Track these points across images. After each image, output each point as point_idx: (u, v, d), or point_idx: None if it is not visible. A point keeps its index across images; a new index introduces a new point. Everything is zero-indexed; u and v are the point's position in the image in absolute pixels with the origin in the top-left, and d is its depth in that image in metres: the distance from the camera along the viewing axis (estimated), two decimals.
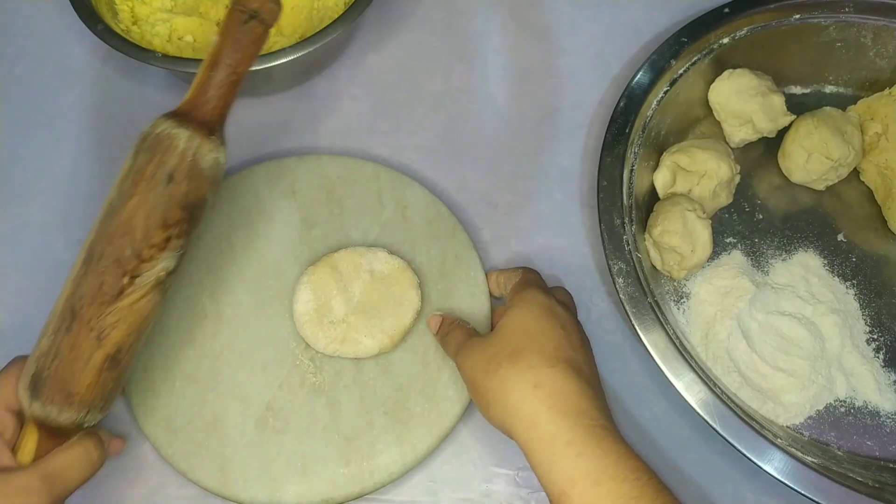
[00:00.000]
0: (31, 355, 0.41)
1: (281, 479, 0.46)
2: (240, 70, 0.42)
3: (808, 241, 0.56)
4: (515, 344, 0.42)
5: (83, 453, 0.41)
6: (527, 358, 0.41)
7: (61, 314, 0.40)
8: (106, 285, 0.39)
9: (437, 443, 0.48)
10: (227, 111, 0.43)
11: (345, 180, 0.55)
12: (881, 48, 0.58)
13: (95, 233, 0.40)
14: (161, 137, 0.40)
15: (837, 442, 0.49)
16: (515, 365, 0.41)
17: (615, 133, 0.53)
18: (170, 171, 0.40)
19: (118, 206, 0.40)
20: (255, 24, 0.42)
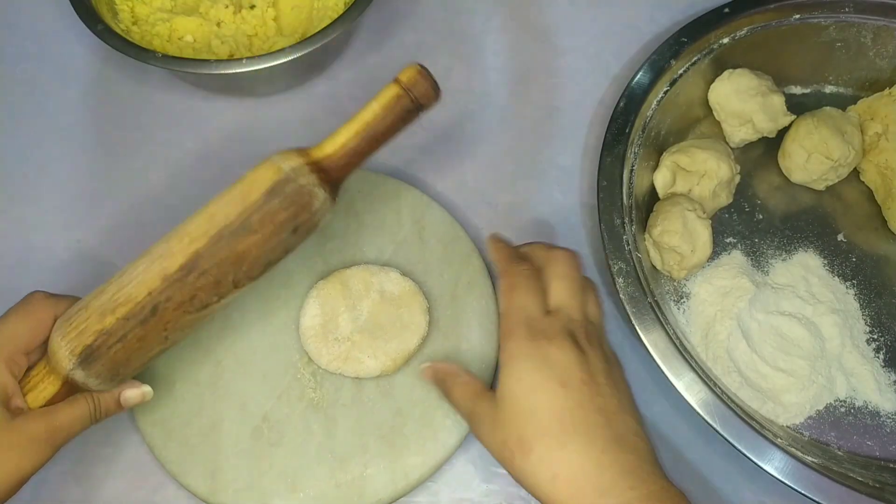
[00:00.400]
0: (82, 318, 0.40)
1: (270, 492, 0.46)
2: (382, 144, 0.44)
3: (808, 241, 0.56)
4: (520, 430, 0.38)
5: (87, 409, 0.42)
6: (536, 448, 0.37)
7: (141, 306, 0.40)
8: (197, 299, 0.41)
9: (431, 473, 0.47)
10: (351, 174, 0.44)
11: (365, 195, 0.55)
12: (881, 48, 0.58)
13: (202, 244, 0.40)
14: (303, 192, 0.41)
15: (837, 442, 0.49)
16: (527, 458, 0.37)
17: (615, 133, 0.53)
18: (297, 225, 0.42)
19: (238, 235, 0.41)
20: (413, 109, 0.44)
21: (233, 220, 0.41)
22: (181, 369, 0.49)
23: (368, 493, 0.46)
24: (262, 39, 0.59)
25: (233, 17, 0.59)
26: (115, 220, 0.56)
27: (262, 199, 0.41)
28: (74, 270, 0.54)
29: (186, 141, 0.59)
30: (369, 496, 0.46)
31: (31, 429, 0.39)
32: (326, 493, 0.46)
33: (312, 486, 0.46)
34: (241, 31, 0.59)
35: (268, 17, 0.59)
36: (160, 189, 0.57)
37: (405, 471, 0.47)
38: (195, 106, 0.60)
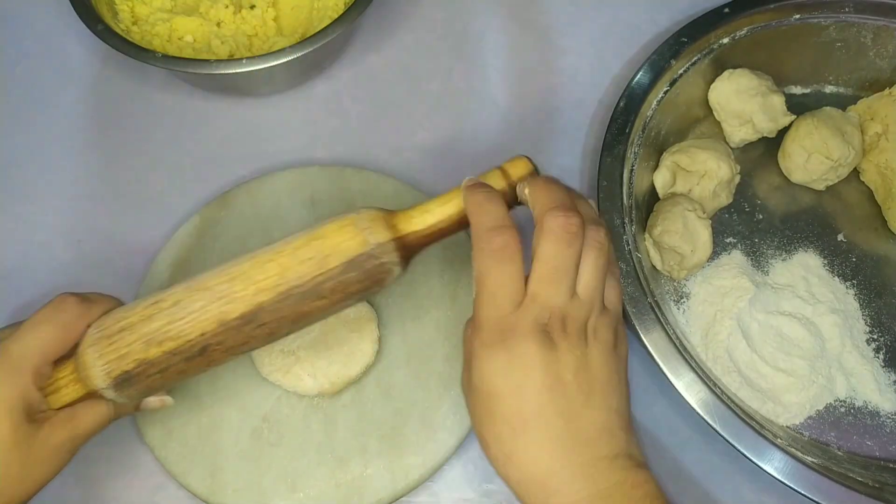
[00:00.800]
0: (124, 342, 0.38)
1: (270, 492, 0.46)
2: (461, 231, 0.41)
3: (808, 241, 0.56)
4: (480, 425, 0.38)
5: (108, 415, 0.41)
6: (491, 448, 0.37)
7: (191, 344, 0.38)
8: (247, 345, 0.40)
9: (430, 473, 0.47)
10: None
11: (365, 195, 0.55)
12: (881, 48, 0.58)
13: (267, 298, 0.38)
14: (383, 269, 0.39)
15: (837, 442, 0.49)
16: (487, 452, 0.37)
17: (615, 133, 0.53)
18: (365, 296, 0.41)
19: (306, 298, 0.39)
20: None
21: (305, 281, 0.39)
22: None
23: (368, 493, 0.46)
24: (262, 39, 0.59)
25: (233, 17, 0.59)
26: (115, 220, 0.56)
27: (340, 269, 0.39)
28: (74, 270, 0.54)
29: (186, 141, 0.59)
30: (369, 496, 0.46)
31: (55, 440, 0.39)
32: (326, 493, 0.46)
33: (312, 486, 0.46)
34: (241, 31, 0.59)
35: (268, 17, 0.59)
36: (160, 189, 0.57)
37: (405, 471, 0.47)
38: (195, 106, 0.60)
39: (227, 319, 0.38)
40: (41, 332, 0.39)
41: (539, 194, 0.39)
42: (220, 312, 0.38)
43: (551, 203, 0.39)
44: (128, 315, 0.39)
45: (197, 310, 0.38)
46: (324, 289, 0.39)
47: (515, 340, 0.36)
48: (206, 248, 0.53)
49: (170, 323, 0.38)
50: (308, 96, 0.61)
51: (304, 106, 0.61)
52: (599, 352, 0.38)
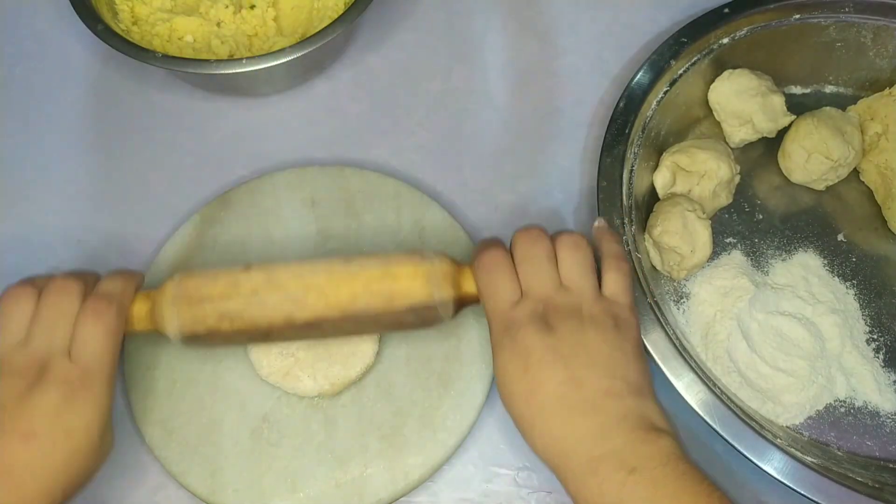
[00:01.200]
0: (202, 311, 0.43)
1: (270, 492, 0.46)
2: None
3: (808, 241, 0.56)
4: (507, 410, 0.42)
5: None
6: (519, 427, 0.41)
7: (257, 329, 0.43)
8: (300, 338, 0.47)
9: (430, 473, 0.47)
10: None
11: (365, 195, 0.55)
12: (881, 48, 0.58)
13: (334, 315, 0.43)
14: (437, 318, 0.44)
15: (837, 442, 0.49)
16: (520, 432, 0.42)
17: (615, 133, 0.53)
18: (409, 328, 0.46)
19: (365, 322, 0.44)
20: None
21: (370, 312, 0.43)
22: (182, 369, 0.49)
23: (368, 493, 0.46)
24: (262, 39, 0.59)
25: (233, 17, 0.59)
26: (115, 220, 0.56)
27: (403, 311, 0.44)
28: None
29: (186, 141, 0.59)
30: (369, 496, 0.46)
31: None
32: (326, 493, 0.46)
33: (312, 486, 0.46)
34: (241, 31, 0.59)
35: (268, 17, 0.59)
36: (160, 189, 0.57)
37: (405, 471, 0.47)
38: (195, 106, 0.60)
39: (295, 321, 0.43)
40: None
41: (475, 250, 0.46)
42: (290, 313, 0.43)
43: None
44: (209, 287, 0.43)
45: (271, 305, 0.43)
46: (382, 320, 0.44)
47: (517, 330, 0.41)
48: (206, 248, 0.53)
49: (245, 308, 0.43)
50: (308, 96, 0.61)
51: (304, 106, 0.61)
52: (597, 331, 0.41)
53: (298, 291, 0.43)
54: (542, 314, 0.42)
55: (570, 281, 0.43)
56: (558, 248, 0.44)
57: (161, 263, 0.52)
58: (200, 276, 0.44)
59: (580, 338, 0.41)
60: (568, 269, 0.44)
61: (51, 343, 0.41)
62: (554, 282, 0.43)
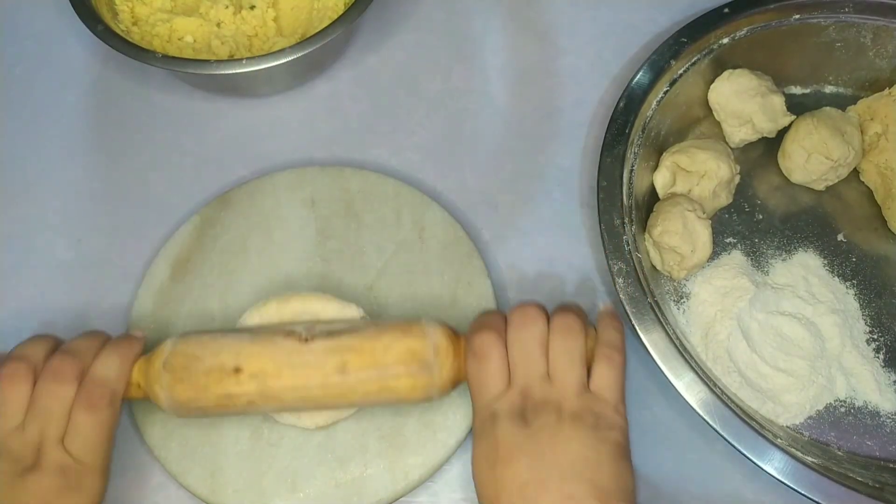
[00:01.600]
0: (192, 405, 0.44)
1: (270, 492, 0.46)
2: None
3: (808, 241, 0.56)
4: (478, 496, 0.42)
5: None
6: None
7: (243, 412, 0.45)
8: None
9: (430, 473, 0.47)
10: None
11: (365, 195, 0.55)
12: (881, 48, 0.58)
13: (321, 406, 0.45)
14: (427, 365, 0.43)
15: (837, 442, 0.49)
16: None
17: (615, 133, 0.53)
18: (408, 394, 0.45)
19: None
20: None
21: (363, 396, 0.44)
22: None
23: (368, 493, 0.46)
24: (262, 40, 0.59)
25: (233, 17, 0.59)
26: (115, 220, 0.56)
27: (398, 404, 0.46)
28: (74, 270, 0.54)
29: (186, 141, 0.59)
30: (369, 496, 0.46)
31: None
32: (326, 493, 0.46)
33: (312, 486, 0.46)
34: (241, 31, 0.59)
35: (268, 17, 0.59)
36: (160, 189, 0.57)
37: (405, 471, 0.47)
38: (195, 106, 0.60)
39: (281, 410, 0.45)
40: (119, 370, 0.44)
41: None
42: (287, 414, 0.46)
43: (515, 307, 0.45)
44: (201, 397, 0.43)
45: (267, 410, 0.45)
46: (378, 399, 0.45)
47: (493, 425, 0.41)
48: (206, 248, 0.53)
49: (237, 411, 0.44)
50: (308, 96, 0.61)
51: (304, 106, 0.61)
52: (573, 429, 0.40)
53: (294, 404, 0.44)
54: (520, 408, 0.41)
55: (556, 372, 0.42)
56: (551, 332, 0.43)
57: (161, 263, 0.52)
58: (188, 381, 0.43)
59: (554, 435, 0.40)
60: (555, 359, 0.42)
61: (46, 431, 0.41)
62: (539, 372, 0.42)
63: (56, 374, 0.42)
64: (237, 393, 0.43)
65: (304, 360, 0.43)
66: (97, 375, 0.43)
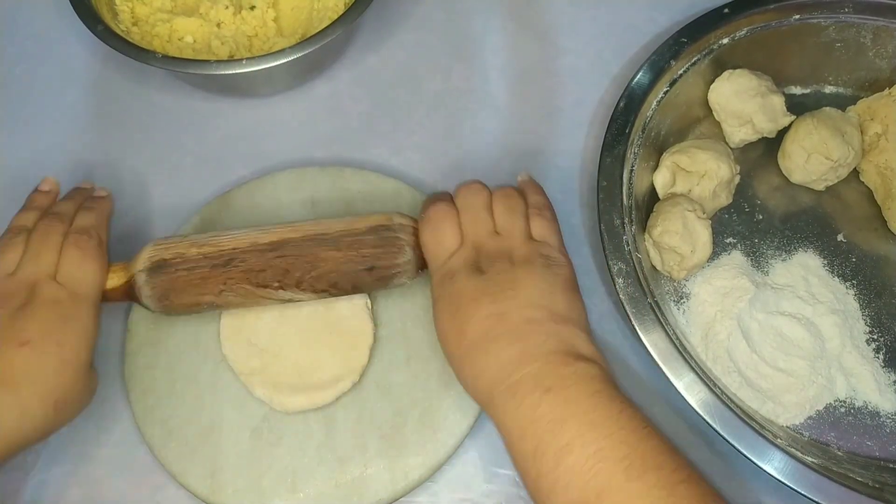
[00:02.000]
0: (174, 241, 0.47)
1: (269, 492, 0.46)
2: None
3: (808, 241, 0.56)
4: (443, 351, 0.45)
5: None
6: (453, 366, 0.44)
7: (221, 253, 0.47)
8: (263, 274, 0.46)
9: (430, 473, 0.47)
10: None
11: (365, 195, 0.55)
12: (881, 48, 0.58)
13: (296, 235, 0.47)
14: (396, 243, 0.47)
15: (837, 442, 0.49)
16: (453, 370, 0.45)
17: (615, 133, 0.53)
18: (374, 265, 0.47)
19: (325, 244, 0.47)
20: None
21: (330, 233, 0.47)
22: (181, 370, 0.49)
23: (368, 493, 0.46)
24: (262, 40, 0.59)
25: (233, 17, 0.59)
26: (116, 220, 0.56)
27: (362, 231, 0.47)
28: None
29: (186, 141, 0.59)
30: (369, 496, 0.46)
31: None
32: (326, 493, 0.46)
33: (312, 486, 0.46)
34: (241, 31, 0.59)
35: (268, 17, 0.59)
36: (160, 189, 0.57)
37: (405, 471, 0.47)
38: (195, 106, 0.60)
39: (258, 244, 0.47)
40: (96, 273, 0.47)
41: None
42: (255, 238, 0.47)
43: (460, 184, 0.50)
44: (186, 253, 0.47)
45: (239, 234, 0.47)
46: (342, 242, 0.47)
47: (453, 279, 0.44)
48: None
49: (214, 237, 0.47)
50: (308, 96, 0.61)
51: (304, 106, 0.61)
52: (526, 270, 0.44)
53: (269, 226, 0.48)
54: (474, 260, 0.45)
55: (503, 227, 0.47)
56: (493, 197, 0.48)
57: None
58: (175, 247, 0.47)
59: (510, 277, 0.44)
60: (500, 215, 0.47)
61: (38, 269, 0.45)
62: (488, 228, 0.46)
63: (45, 230, 0.47)
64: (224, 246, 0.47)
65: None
66: (80, 225, 0.48)
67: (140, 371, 0.49)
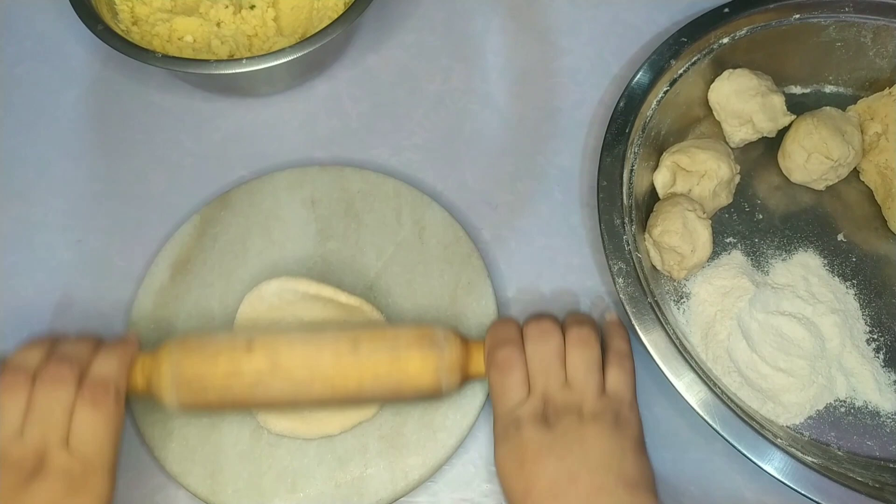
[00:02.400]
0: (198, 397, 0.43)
1: (270, 493, 0.46)
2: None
3: (808, 241, 0.56)
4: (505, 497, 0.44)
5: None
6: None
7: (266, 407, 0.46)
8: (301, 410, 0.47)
9: (431, 473, 0.47)
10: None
11: (365, 195, 0.55)
12: (881, 48, 0.58)
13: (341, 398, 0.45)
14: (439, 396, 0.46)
15: (837, 442, 0.49)
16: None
17: (615, 133, 0.53)
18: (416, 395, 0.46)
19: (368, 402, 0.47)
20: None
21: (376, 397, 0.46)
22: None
23: (368, 493, 0.46)
24: (261, 39, 0.59)
25: (233, 17, 0.59)
26: (115, 220, 0.56)
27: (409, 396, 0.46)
28: (74, 270, 0.54)
29: (186, 141, 0.59)
30: (369, 496, 0.46)
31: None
32: (326, 493, 0.46)
33: (312, 486, 0.46)
34: (241, 31, 0.59)
35: (268, 17, 0.59)
36: (160, 189, 0.57)
37: (405, 471, 0.47)
38: (195, 106, 0.60)
39: (299, 403, 0.45)
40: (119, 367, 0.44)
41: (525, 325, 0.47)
42: (295, 397, 0.44)
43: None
44: (210, 371, 0.43)
45: (275, 391, 0.43)
46: (388, 401, 0.47)
47: (518, 429, 0.43)
48: (206, 248, 0.53)
49: (249, 394, 0.43)
50: (308, 96, 0.61)
51: (304, 106, 0.61)
52: (595, 428, 0.43)
53: (304, 379, 0.43)
54: (542, 412, 0.43)
55: (575, 379, 0.44)
56: (567, 344, 0.45)
57: (161, 263, 0.52)
58: (199, 352, 0.43)
59: (578, 434, 0.42)
60: (574, 368, 0.45)
61: (47, 434, 0.40)
62: (559, 380, 0.44)
63: (54, 378, 0.41)
64: (247, 369, 0.43)
65: (317, 338, 0.44)
66: (97, 374, 0.42)
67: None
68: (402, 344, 0.44)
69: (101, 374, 0.42)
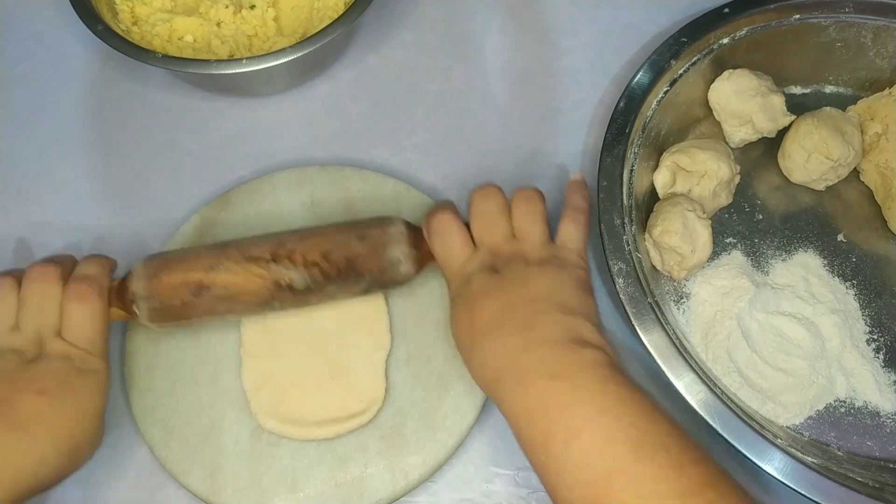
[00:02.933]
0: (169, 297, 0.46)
1: (270, 492, 0.46)
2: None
3: (808, 241, 0.56)
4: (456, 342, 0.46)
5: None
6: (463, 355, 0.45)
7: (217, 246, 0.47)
8: (255, 249, 0.46)
9: (431, 473, 0.47)
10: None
11: (365, 195, 0.55)
12: (881, 48, 0.58)
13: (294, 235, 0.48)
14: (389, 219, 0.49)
15: (837, 442, 0.49)
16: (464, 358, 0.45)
17: (615, 133, 0.53)
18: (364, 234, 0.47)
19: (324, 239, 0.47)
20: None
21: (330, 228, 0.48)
22: (181, 370, 0.49)
23: (368, 493, 0.46)
24: (262, 39, 0.59)
25: (233, 17, 0.59)
26: (115, 220, 0.56)
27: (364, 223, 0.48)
28: None
29: (186, 141, 0.59)
30: (369, 496, 0.46)
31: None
32: (326, 493, 0.46)
33: (312, 485, 0.46)
34: (241, 31, 0.59)
35: (268, 17, 0.59)
36: (160, 189, 0.57)
37: (405, 471, 0.47)
38: (195, 106, 0.60)
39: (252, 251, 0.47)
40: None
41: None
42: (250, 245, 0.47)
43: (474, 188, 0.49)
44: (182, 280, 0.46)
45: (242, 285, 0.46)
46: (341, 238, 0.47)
47: (468, 283, 0.45)
48: None
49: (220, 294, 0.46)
50: (308, 96, 0.61)
51: (304, 106, 0.61)
52: (541, 271, 0.44)
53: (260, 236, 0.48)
54: (490, 263, 0.45)
55: (520, 231, 0.47)
56: (512, 202, 0.48)
57: None
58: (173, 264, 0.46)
59: (522, 275, 0.44)
60: (518, 220, 0.47)
61: (41, 326, 0.43)
62: (504, 234, 0.47)
63: (40, 274, 0.44)
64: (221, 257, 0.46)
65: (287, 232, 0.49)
66: (81, 273, 0.45)
67: (140, 371, 0.49)
68: (360, 224, 0.48)
69: (84, 272, 0.45)
